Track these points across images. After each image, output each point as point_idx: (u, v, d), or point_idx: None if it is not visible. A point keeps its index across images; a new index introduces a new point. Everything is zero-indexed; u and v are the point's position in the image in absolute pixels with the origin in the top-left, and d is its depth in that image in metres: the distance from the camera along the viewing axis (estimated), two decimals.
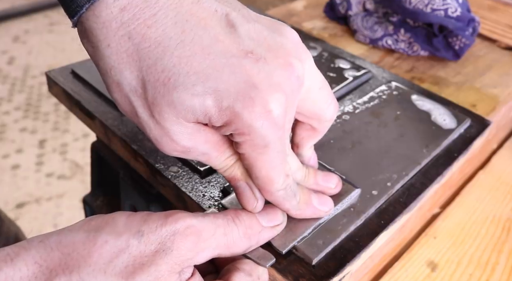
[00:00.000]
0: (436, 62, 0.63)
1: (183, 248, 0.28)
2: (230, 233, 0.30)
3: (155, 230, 0.28)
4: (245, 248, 0.32)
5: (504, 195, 0.52)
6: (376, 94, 0.51)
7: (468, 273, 0.44)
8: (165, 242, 0.28)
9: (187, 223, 0.29)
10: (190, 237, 0.28)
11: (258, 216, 0.32)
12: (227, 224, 0.31)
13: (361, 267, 0.38)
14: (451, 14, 0.60)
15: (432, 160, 0.44)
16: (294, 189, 0.33)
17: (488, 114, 0.53)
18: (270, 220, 0.33)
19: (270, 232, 0.33)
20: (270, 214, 0.33)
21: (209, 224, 0.30)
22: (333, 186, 0.38)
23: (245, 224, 0.31)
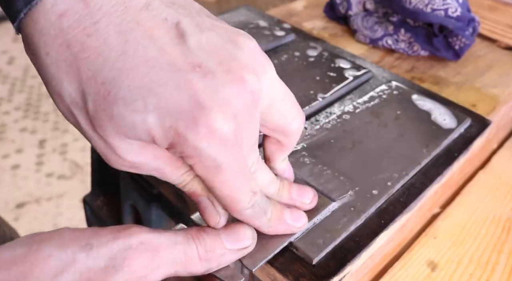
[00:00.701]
0: (436, 62, 0.63)
1: (135, 265, 0.26)
2: (189, 253, 0.28)
3: (105, 243, 0.26)
4: (204, 270, 0.29)
5: (504, 195, 0.52)
6: (376, 94, 0.51)
7: (468, 273, 0.44)
8: (116, 258, 0.26)
9: (142, 238, 0.27)
10: (145, 254, 0.26)
11: (223, 236, 0.30)
12: (187, 242, 0.28)
13: (361, 266, 0.38)
14: (451, 14, 0.60)
15: (432, 159, 0.44)
16: (264, 206, 0.31)
17: (488, 114, 0.53)
18: (235, 242, 0.31)
19: (234, 255, 0.31)
20: (237, 234, 0.31)
21: (167, 241, 0.28)
22: (308, 201, 0.36)
23: (206, 245, 0.29)
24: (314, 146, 0.44)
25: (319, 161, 0.42)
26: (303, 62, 0.56)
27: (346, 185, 0.40)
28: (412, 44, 0.63)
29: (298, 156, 0.43)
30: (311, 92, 0.51)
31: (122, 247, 0.26)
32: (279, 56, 0.57)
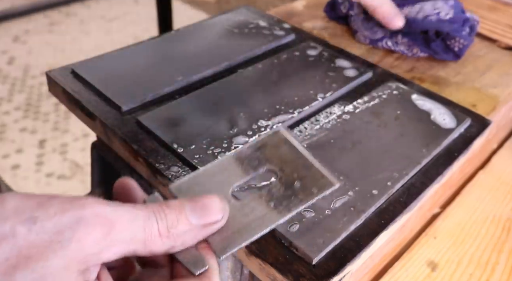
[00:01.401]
0: (436, 62, 0.63)
1: (86, 240, 0.23)
2: (150, 229, 0.25)
3: (53, 216, 0.23)
4: (165, 248, 0.26)
5: (504, 195, 0.52)
6: (376, 94, 0.51)
7: (468, 273, 0.44)
8: (63, 232, 0.22)
9: (97, 211, 0.24)
10: (98, 228, 0.23)
11: (188, 210, 0.27)
12: (148, 217, 0.25)
13: (361, 266, 0.38)
14: (443, 17, 0.60)
15: (432, 159, 0.44)
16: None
17: (488, 114, 0.53)
18: (202, 216, 0.27)
19: (200, 232, 0.27)
20: (203, 207, 0.27)
21: (125, 214, 0.25)
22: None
23: (168, 221, 0.26)
24: (314, 146, 0.44)
25: (319, 161, 0.42)
26: (303, 61, 0.56)
27: (346, 185, 0.40)
28: (411, 47, 0.63)
29: None
30: (311, 92, 0.51)
31: (72, 220, 0.23)
32: (279, 56, 0.57)
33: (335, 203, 0.38)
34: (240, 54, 0.57)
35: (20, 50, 2.23)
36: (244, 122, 0.46)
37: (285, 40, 0.61)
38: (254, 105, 0.48)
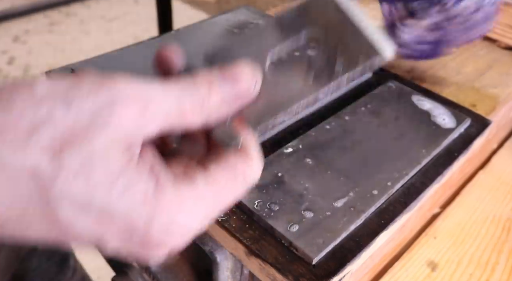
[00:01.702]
0: (436, 62, 0.63)
1: (125, 118, 0.23)
2: (183, 104, 0.25)
3: (86, 97, 0.22)
4: (200, 122, 0.26)
5: (504, 195, 0.52)
6: (376, 94, 0.51)
7: (468, 273, 0.44)
8: (101, 112, 0.22)
9: (130, 89, 0.23)
10: (134, 106, 0.23)
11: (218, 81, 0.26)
12: (180, 92, 0.25)
13: (361, 266, 0.38)
14: None
15: (432, 159, 0.44)
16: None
17: (488, 114, 0.53)
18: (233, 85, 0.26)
19: (234, 102, 0.27)
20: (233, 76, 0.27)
21: (158, 91, 0.24)
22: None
23: (200, 94, 0.25)
24: (314, 146, 0.44)
25: (319, 161, 0.42)
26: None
27: (346, 185, 0.40)
28: None
29: (298, 156, 0.43)
30: None
31: (107, 100, 0.22)
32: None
33: (335, 203, 0.38)
34: None
35: (20, 50, 2.23)
36: None
37: None
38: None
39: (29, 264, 0.67)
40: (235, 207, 0.39)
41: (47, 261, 0.70)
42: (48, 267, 0.70)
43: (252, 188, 0.39)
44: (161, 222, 0.23)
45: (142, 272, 0.54)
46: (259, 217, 0.37)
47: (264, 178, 0.40)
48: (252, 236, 0.37)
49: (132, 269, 0.54)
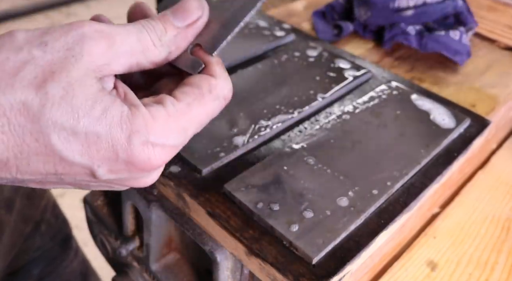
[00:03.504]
0: (436, 62, 0.63)
1: (95, 52, 0.26)
2: (144, 40, 0.29)
3: (59, 37, 0.26)
4: (164, 56, 0.30)
5: (504, 195, 0.52)
6: (376, 94, 0.51)
7: (467, 273, 0.44)
8: (73, 48, 0.26)
9: (95, 27, 0.27)
10: (101, 41, 0.27)
11: (170, 16, 0.30)
12: (139, 30, 0.29)
13: (361, 266, 0.39)
14: None
15: (432, 159, 0.44)
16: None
17: (487, 114, 0.53)
18: (184, 17, 0.30)
19: (189, 32, 0.30)
20: (183, 9, 0.30)
21: (120, 30, 0.28)
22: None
23: (156, 30, 0.29)
24: (314, 146, 0.44)
25: (319, 161, 0.42)
26: (303, 62, 0.56)
27: (346, 185, 0.40)
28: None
29: (298, 156, 0.43)
30: (311, 92, 0.51)
31: (77, 37, 0.26)
32: (279, 56, 0.57)
33: (335, 203, 0.39)
34: (240, 54, 0.57)
35: None
36: (244, 122, 0.46)
37: (285, 41, 0.61)
38: (254, 105, 0.49)
39: (32, 243, 0.68)
40: (235, 207, 0.39)
41: (49, 241, 0.70)
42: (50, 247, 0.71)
43: (252, 188, 0.39)
44: (140, 139, 0.27)
45: (142, 272, 0.54)
46: (259, 217, 0.37)
47: (264, 178, 0.40)
48: (252, 236, 0.37)
49: (133, 269, 0.55)
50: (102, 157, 0.26)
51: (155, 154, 0.28)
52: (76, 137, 0.26)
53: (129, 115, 0.27)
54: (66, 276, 0.73)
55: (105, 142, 0.26)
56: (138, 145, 0.27)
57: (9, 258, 0.63)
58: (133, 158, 0.27)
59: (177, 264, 0.51)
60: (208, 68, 0.31)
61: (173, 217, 0.44)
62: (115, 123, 0.26)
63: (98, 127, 0.26)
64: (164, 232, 0.49)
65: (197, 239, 0.42)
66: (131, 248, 0.53)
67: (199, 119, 0.30)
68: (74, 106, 0.25)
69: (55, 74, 0.25)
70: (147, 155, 0.27)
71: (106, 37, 0.27)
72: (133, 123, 0.27)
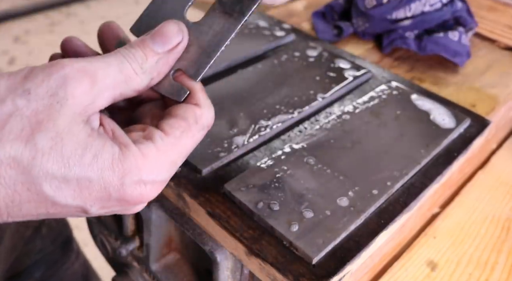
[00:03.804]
0: (436, 62, 0.63)
1: (78, 93, 0.26)
2: (126, 70, 0.28)
3: (41, 83, 0.25)
4: (146, 83, 0.29)
5: (504, 195, 0.52)
6: (376, 94, 0.51)
7: (467, 273, 0.44)
8: (57, 93, 0.25)
9: (77, 67, 0.26)
10: (84, 80, 0.26)
11: (150, 42, 0.30)
12: (120, 61, 0.28)
13: (361, 266, 0.39)
14: None
15: (432, 159, 0.44)
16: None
17: (487, 114, 0.53)
18: (164, 42, 0.30)
19: (169, 57, 0.30)
20: (162, 34, 0.30)
21: (101, 64, 0.27)
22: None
23: (137, 59, 0.29)
24: (314, 146, 0.44)
25: (319, 161, 0.42)
26: (303, 62, 0.56)
27: (346, 185, 0.40)
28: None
29: (298, 156, 0.43)
30: (311, 92, 0.51)
31: (59, 81, 0.26)
32: (279, 56, 0.57)
33: (335, 203, 0.39)
34: (240, 54, 0.57)
35: (21, 50, 2.23)
36: (244, 122, 0.46)
37: (285, 41, 0.61)
38: (254, 105, 0.49)
39: (33, 246, 0.68)
40: (235, 207, 0.39)
41: (50, 244, 0.70)
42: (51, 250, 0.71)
43: (252, 188, 0.39)
44: (132, 179, 0.27)
45: (142, 272, 0.54)
46: (259, 217, 0.37)
47: (264, 178, 0.40)
48: (252, 236, 0.37)
49: (133, 269, 0.55)
50: (94, 198, 0.27)
51: (147, 190, 0.28)
52: (68, 184, 0.26)
53: (120, 157, 0.27)
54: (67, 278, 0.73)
55: (97, 186, 0.26)
56: (130, 185, 0.27)
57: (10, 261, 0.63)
58: (126, 196, 0.27)
59: (177, 264, 0.51)
60: (192, 96, 0.31)
61: (173, 217, 0.44)
62: (107, 166, 0.26)
63: (89, 173, 0.26)
64: (164, 232, 0.49)
65: (197, 239, 0.42)
66: (131, 248, 0.53)
67: (187, 150, 0.30)
68: (64, 155, 0.25)
69: (42, 124, 0.25)
70: (139, 192, 0.28)
71: (88, 75, 0.27)
72: (124, 164, 0.27)
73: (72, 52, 0.32)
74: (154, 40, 0.30)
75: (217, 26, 0.31)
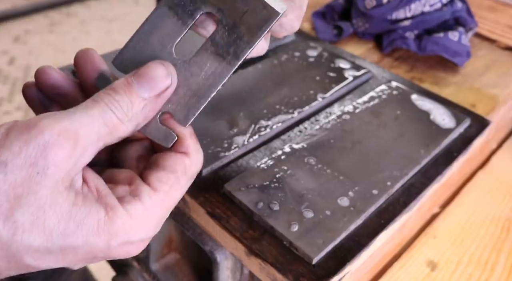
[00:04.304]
0: (436, 62, 0.63)
1: (60, 160, 0.24)
2: (110, 121, 0.26)
3: (19, 152, 0.23)
4: (131, 129, 0.27)
5: (504, 195, 0.52)
6: (376, 94, 0.51)
7: (467, 273, 0.44)
8: (37, 162, 0.23)
9: (58, 129, 0.24)
10: (65, 144, 0.24)
11: (136, 87, 0.27)
12: (103, 111, 0.26)
13: (361, 266, 0.39)
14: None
15: (432, 159, 0.44)
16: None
17: (487, 114, 0.53)
18: (151, 87, 0.27)
19: (156, 102, 0.28)
20: (149, 79, 0.27)
21: (83, 119, 0.25)
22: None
23: (122, 107, 0.27)
24: (314, 146, 0.44)
25: (319, 161, 0.42)
26: (303, 62, 0.56)
27: (346, 185, 0.40)
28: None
29: (298, 156, 0.43)
30: (311, 92, 0.51)
31: (39, 149, 0.23)
32: (279, 56, 0.57)
33: (335, 203, 0.39)
34: None
35: (21, 50, 2.23)
36: (244, 122, 0.46)
37: (285, 40, 0.61)
38: (254, 105, 0.49)
39: None
40: (235, 207, 0.39)
41: None
42: None
43: (252, 188, 0.39)
44: (119, 242, 0.26)
45: (142, 272, 0.54)
46: (259, 217, 0.37)
47: (264, 178, 0.40)
48: (252, 236, 0.37)
49: (132, 269, 0.55)
50: (79, 260, 0.26)
51: (134, 248, 0.27)
52: (51, 254, 0.24)
53: (106, 221, 0.25)
54: None
55: (82, 251, 0.25)
56: (117, 247, 0.26)
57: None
58: (113, 256, 0.26)
59: (177, 264, 0.51)
60: (181, 143, 0.29)
61: (173, 217, 0.44)
62: (92, 233, 0.25)
63: (74, 242, 0.24)
64: (164, 232, 0.49)
65: (197, 239, 0.42)
66: None
67: (175, 202, 0.29)
68: (47, 228, 0.24)
69: (21, 199, 0.23)
70: (126, 251, 0.27)
71: (70, 138, 0.24)
72: (111, 228, 0.25)
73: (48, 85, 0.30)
74: (141, 84, 0.27)
75: (209, 69, 0.29)
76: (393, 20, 0.64)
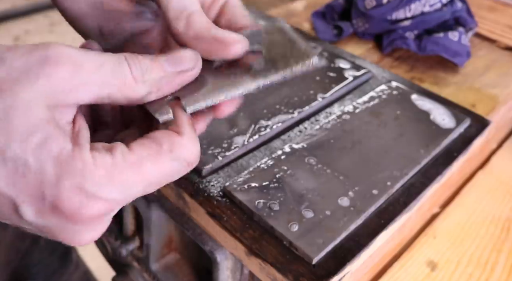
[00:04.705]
0: (436, 62, 0.63)
1: (54, 76, 0.24)
2: (121, 73, 0.25)
3: (20, 56, 0.24)
4: (143, 94, 0.27)
5: (504, 195, 0.52)
6: (376, 94, 0.51)
7: (467, 273, 0.44)
8: (31, 69, 0.23)
9: (63, 50, 0.24)
10: (66, 66, 0.24)
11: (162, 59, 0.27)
12: (118, 62, 0.26)
13: (361, 266, 0.39)
14: None
15: (432, 159, 0.44)
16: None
17: (487, 114, 0.53)
18: (176, 63, 0.28)
19: (175, 79, 0.28)
20: (177, 56, 0.28)
21: (94, 58, 0.25)
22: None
23: (142, 66, 0.26)
24: (314, 146, 0.44)
25: (319, 161, 0.42)
26: None
27: (346, 185, 0.40)
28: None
29: (298, 155, 0.43)
30: (311, 92, 0.51)
31: (39, 58, 0.24)
32: None
33: (335, 203, 0.39)
34: None
35: None
36: (244, 122, 0.46)
37: None
38: (254, 105, 0.49)
39: (31, 259, 0.67)
40: (235, 207, 0.39)
41: (49, 256, 0.70)
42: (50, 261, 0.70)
43: (252, 188, 0.39)
44: (71, 183, 0.24)
45: (142, 272, 0.54)
46: (259, 217, 0.37)
47: (264, 178, 0.40)
48: (252, 236, 0.37)
49: (133, 269, 0.55)
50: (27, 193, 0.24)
51: (88, 204, 0.24)
52: (4, 163, 0.23)
53: (69, 155, 0.24)
54: None
55: (32, 174, 0.23)
56: (68, 189, 0.24)
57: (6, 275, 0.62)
58: (61, 202, 0.24)
59: (177, 264, 0.51)
60: (175, 122, 0.28)
61: (173, 217, 0.44)
62: (49, 158, 0.23)
63: (29, 158, 0.23)
64: (164, 232, 0.49)
65: (197, 239, 0.42)
66: (131, 248, 0.53)
67: (149, 178, 0.26)
68: (9, 130, 0.23)
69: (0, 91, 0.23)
70: (77, 203, 0.24)
71: (73, 63, 0.24)
72: (69, 164, 0.24)
73: None
74: (168, 58, 0.27)
75: (234, 77, 0.31)
76: (393, 20, 0.64)
